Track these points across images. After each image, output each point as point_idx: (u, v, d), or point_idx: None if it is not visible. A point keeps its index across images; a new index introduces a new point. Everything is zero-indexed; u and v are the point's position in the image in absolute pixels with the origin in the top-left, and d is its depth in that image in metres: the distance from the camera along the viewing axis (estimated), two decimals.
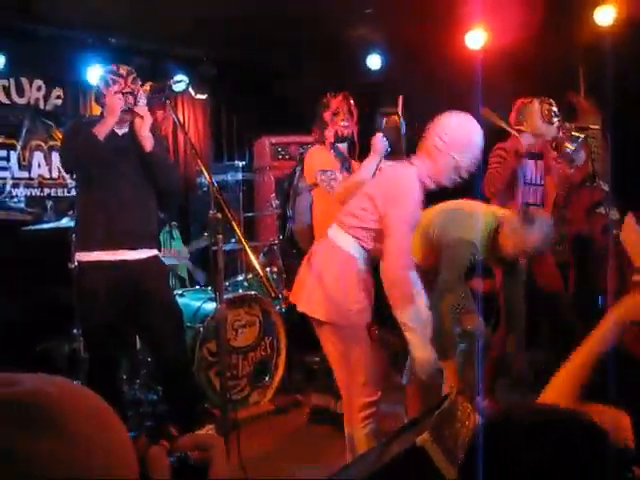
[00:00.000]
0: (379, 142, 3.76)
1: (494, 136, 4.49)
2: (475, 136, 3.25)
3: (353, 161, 4.39)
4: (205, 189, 6.29)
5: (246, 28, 6.22)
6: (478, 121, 3.30)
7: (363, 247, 3.23)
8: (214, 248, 2.71)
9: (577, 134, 4.58)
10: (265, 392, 4.96)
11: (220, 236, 2.67)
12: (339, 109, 4.32)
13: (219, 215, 2.61)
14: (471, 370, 3.60)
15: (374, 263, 3.26)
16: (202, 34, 6.46)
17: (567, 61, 6.18)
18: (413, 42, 6.35)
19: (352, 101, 4.39)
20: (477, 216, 3.72)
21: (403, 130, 4.00)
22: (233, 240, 5.13)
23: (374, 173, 3.64)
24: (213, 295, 4.60)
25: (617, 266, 4.60)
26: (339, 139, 4.33)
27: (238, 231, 2.51)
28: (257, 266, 2.46)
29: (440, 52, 6.18)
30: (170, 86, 3.50)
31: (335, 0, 5.67)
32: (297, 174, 4.57)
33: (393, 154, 4.00)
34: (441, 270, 3.59)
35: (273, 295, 2.51)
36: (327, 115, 4.34)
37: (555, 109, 4.52)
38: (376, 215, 3.17)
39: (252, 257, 2.47)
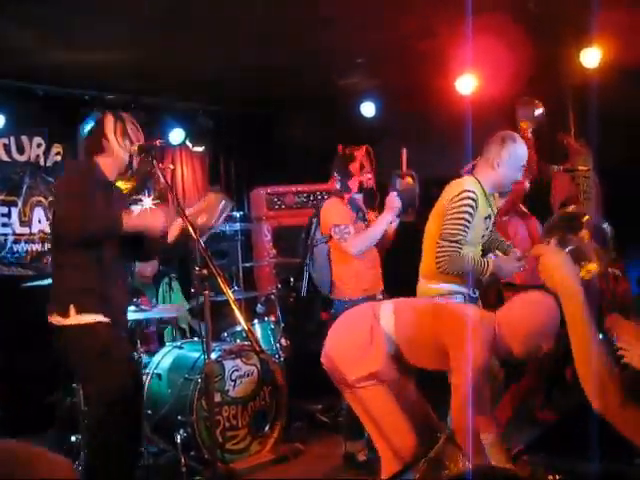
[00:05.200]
0: (394, 201, 4.15)
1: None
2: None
3: (370, 211, 4.59)
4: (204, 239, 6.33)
5: (241, 81, 6.36)
6: None
7: None
8: (202, 303, 2.76)
9: None
10: (265, 442, 4.94)
11: (207, 292, 2.73)
12: (364, 161, 4.49)
13: (205, 272, 2.66)
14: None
15: None
16: (199, 87, 6.60)
17: (557, 103, 6.26)
18: (405, 88, 6.48)
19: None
20: None
21: (417, 190, 4.15)
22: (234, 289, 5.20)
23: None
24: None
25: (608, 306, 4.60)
26: (362, 190, 4.51)
27: (224, 287, 2.56)
28: (242, 321, 2.50)
29: (431, 98, 6.29)
30: (157, 146, 3.57)
31: (328, 52, 5.79)
32: (314, 225, 4.69)
33: (406, 213, 4.16)
34: None
35: (257, 349, 2.55)
36: (353, 167, 4.49)
37: None
38: None
39: (237, 312, 2.52)
